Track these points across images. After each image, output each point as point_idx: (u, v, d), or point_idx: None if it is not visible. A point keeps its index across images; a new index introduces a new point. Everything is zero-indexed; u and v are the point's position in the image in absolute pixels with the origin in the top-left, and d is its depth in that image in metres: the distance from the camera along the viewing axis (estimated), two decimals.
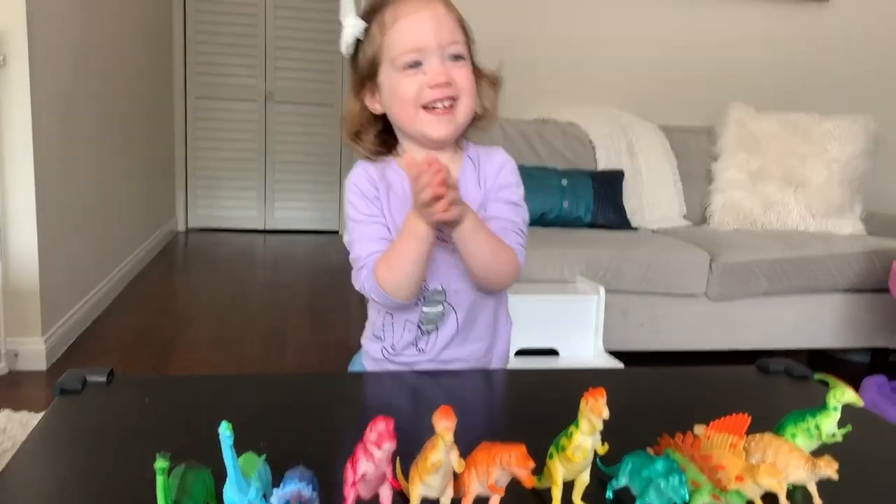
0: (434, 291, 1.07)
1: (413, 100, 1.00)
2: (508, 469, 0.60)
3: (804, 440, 0.76)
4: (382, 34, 1.02)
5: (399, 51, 1.00)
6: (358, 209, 1.06)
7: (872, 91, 3.45)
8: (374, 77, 1.05)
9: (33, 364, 2.45)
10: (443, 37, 1.00)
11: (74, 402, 0.87)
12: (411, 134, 1.05)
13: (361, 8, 1.06)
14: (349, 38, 1.05)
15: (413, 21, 1.00)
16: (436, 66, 1.00)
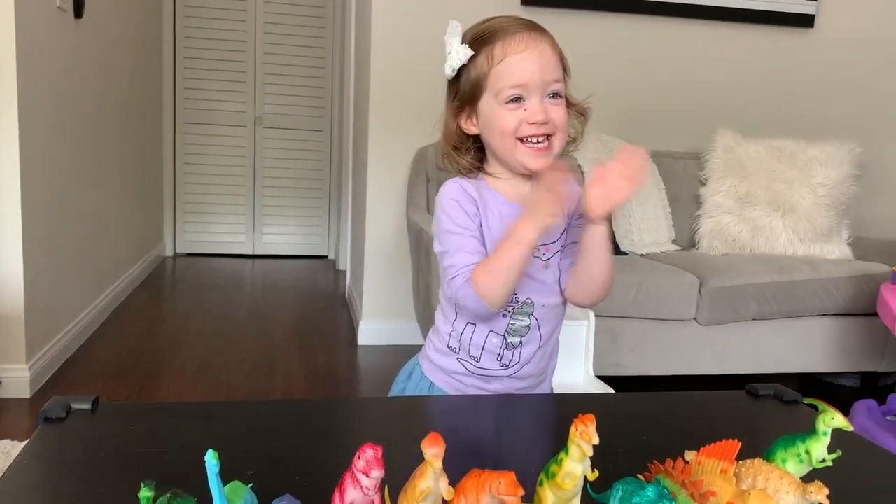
0: (523, 303, 1.12)
1: (512, 132, 1.07)
2: (498, 496, 0.59)
3: (794, 465, 0.76)
4: (490, 66, 1.07)
5: (504, 85, 1.06)
6: (455, 221, 1.10)
7: (858, 116, 3.50)
8: (473, 102, 1.10)
9: (17, 391, 2.41)
10: (546, 76, 1.06)
11: (58, 430, 0.85)
12: (507, 161, 1.11)
13: (468, 34, 1.11)
14: (456, 63, 1.10)
15: (521, 59, 1.06)
16: (536, 104, 1.06)
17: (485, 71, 1.07)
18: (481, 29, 1.10)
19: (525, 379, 1.17)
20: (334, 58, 5.35)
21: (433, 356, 1.20)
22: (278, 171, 5.53)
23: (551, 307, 1.16)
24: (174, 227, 5.45)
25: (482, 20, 1.13)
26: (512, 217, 1.08)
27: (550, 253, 1.13)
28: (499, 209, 1.11)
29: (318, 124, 5.51)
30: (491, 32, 1.08)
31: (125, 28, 3.92)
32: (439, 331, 1.19)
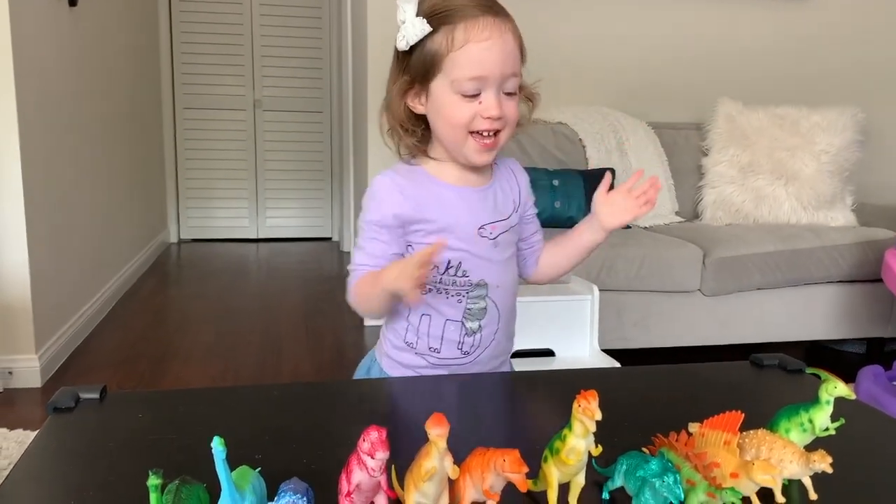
0: (476, 285, 1.10)
1: (464, 125, 1.03)
2: (503, 474, 0.60)
3: (798, 435, 0.76)
4: (448, 49, 1.02)
5: (461, 76, 1.01)
6: (367, 218, 1.09)
7: (860, 82, 3.47)
8: (425, 81, 1.05)
9: (28, 381, 2.43)
10: (506, 69, 1.02)
11: (67, 420, 0.86)
12: (452, 151, 1.08)
13: (426, 4, 1.04)
14: (411, 37, 1.03)
15: (483, 49, 1.01)
16: (492, 99, 1.02)
17: (442, 52, 1.02)
18: (441, 4, 1.03)
19: (486, 363, 1.15)
20: (331, 38, 5.32)
21: (391, 352, 1.15)
22: (279, 154, 5.52)
23: (506, 287, 1.14)
24: (178, 213, 5.46)
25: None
26: (455, 201, 1.09)
27: (497, 231, 1.11)
28: (440, 194, 1.09)
29: (318, 106, 5.49)
30: (452, 10, 1.02)
31: (120, 15, 3.89)
32: (394, 326, 1.14)
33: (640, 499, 0.64)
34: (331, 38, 5.33)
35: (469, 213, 1.09)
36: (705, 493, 0.64)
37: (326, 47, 5.39)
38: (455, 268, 1.09)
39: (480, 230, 1.09)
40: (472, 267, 1.09)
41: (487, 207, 1.11)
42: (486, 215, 1.10)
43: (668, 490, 0.62)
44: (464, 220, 1.09)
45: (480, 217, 1.10)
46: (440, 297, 1.10)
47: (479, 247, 1.09)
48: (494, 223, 1.11)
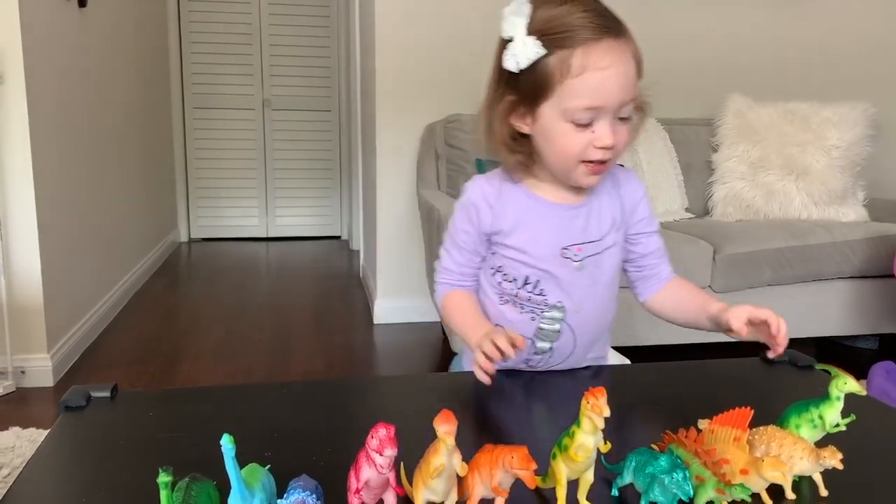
0: (553, 307, 1.07)
1: (576, 155, 0.97)
2: (511, 471, 0.60)
3: (808, 431, 0.76)
4: (562, 76, 0.94)
5: (577, 105, 0.94)
6: (457, 225, 1.10)
7: (871, 76, 3.44)
8: (533, 103, 0.98)
9: (40, 381, 2.45)
10: (624, 97, 0.95)
11: (79, 419, 0.87)
12: (559, 176, 1.03)
13: (537, 21, 0.95)
14: (522, 60, 0.95)
15: (602, 78, 0.93)
16: (606, 128, 0.95)
17: (555, 79, 0.94)
18: (555, 23, 0.94)
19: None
20: (340, 37, 5.33)
21: (465, 349, 1.17)
22: (288, 153, 5.54)
23: (591, 312, 1.09)
24: (188, 213, 5.48)
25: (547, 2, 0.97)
26: (540, 219, 1.04)
27: (584, 253, 1.06)
28: (527, 210, 1.05)
29: (327, 104, 5.50)
30: (568, 31, 0.93)
31: (130, 15, 3.91)
32: None
33: (650, 495, 0.64)
34: (339, 36, 5.34)
35: (552, 233, 1.05)
36: (715, 490, 0.64)
37: (335, 46, 5.40)
38: (532, 285, 1.06)
39: (564, 251, 1.04)
40: (551, 287, 1.06)
41: (576, 227, 1.05)
42: (573, 236, 1.05)
43: (678, 486, 0.62)
44: (545, 240, 1.05)
45: (565, 237, 1.05)
46: (514, 310, 1.09)
47: (561, 268, 1.05)
48: (581, 245, 1.05)
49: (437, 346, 2.96)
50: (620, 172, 1.11)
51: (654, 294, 1.13)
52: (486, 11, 3.25)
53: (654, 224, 1.13)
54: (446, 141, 2.89)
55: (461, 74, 3.14)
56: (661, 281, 1.13)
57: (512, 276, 1.07)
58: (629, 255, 1.12)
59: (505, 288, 1.08)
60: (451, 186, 2.86)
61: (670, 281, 1.13)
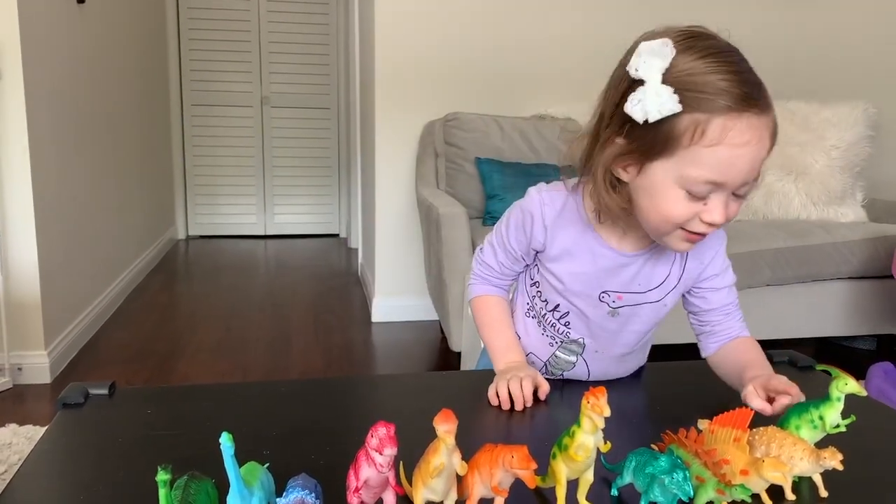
0: (573, 342, 1.05)
1: (679, 223, 0.88)
2: (511, 470, 0.60)
3: (808, 432, 0.76)
4: (692, 142, 0.82)
5: (699, 177, 0.83)
6: (509, 229, 1.05)
7: (871, 77, 3.44)
8: (646, 158, 0.87)
9: (37, 377, 2.45)
10: (752, 175, 0.85)
11: (77, 416, 0.87)
12: (651, 234, 0.94)
13: (675, 70, 0.84)
14: (654, 113, 0.82)
15: (736, 156, 0.82)
16: (720, 206, 0.85)
17: (683, 142, 0.83)
18: (698, 79, 0.83)
19: None
20: (339, 34, 5.32)
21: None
22: (287, 150, 5.53)
23: (611, 355, 1.06)
24: (186, 210, 5.47)
25: (694, 39, 0.88)
26: (589, 257, 0.98)
27: (622, 302, 1.01)
28: (579, 242, 0.99)
29: (325, 102, 5.50)
30: (709, 94, 0.82)
31: (128, 12, 3.90)
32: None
33: (650, 495, 0.64)
34: (338, 33, 5.33)
35: (596, 275, 0.99)
36: (715, 490, 0.64)
37: (334, 43, 5.39)
38: (561, 314, 1.04)
39: (603, 294, 1.00)
40: (577, 324, 1.04)
41: (624, 276, 0.99)
42: (617, 283, 0.99)
43: (678, 487, 0.62)
44: (586, 280, 1.00)
45: (608, 283, 0.99)
46: (538, 329, 1.07)
47: (594, 309, 1.01)
48: (623, 293, 1.00)
49: (436, 344, 2.95)
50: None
51: (715, 351, 1.03)
52: (486, 10, 3.26)
53: (726, 279, 1.03)
54: (445, 139, 2.88)
55: (461, 73, 3.14)
56: (725, 339, 1.03)
57: (545, 296, 1.05)
58: (692, 308, 1.05)
59: (536, 304, 1.07)
60: (449, 185, 2.86)
61: (732, 340, 1.02)
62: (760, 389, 0.86)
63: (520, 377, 0.93)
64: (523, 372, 0.95)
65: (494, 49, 3.16)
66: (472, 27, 3.12)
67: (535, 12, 3.18)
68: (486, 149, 2.85)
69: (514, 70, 3.15)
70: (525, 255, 1.05)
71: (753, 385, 0.86)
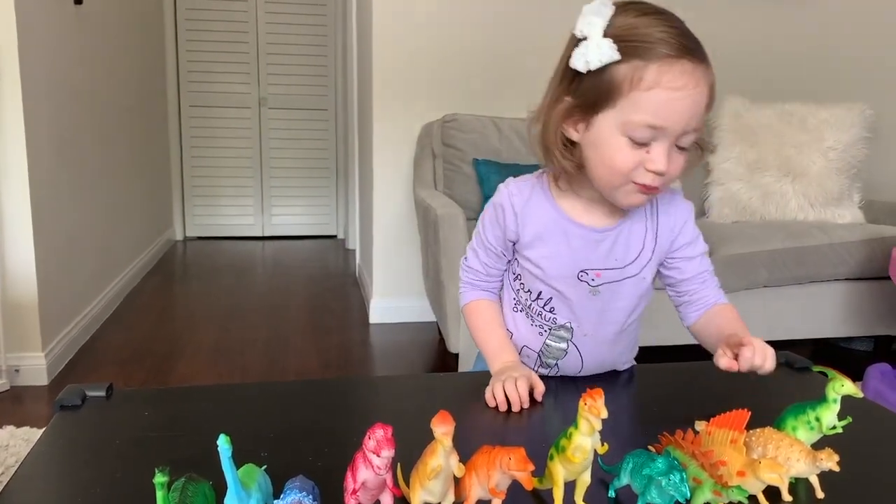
0: (560, 327, 1.06)
1: (625, 173, 0.91)
2: (508, 472, 0.60)
3: (805, 433, 0.76)
4: (631, 87, 0.88)
5: (639, 121, 0.88)
6: (485, 226, 1.08)
7: (869, 78, 3.45)
8: (591, 111, 0.92)
9: (34, 379, 2.44)
10: (689, 124, 0.89)
11: (74, 418, 0.86)
12: (602, 191, 0.97)
13: (615, 26, 0.90)
14: (594, 62, 0.89)
15: (672, 98, 0.87)
16: (662, 152, 0.89)
17: (622, 88, 0.88)
18: (636, 31, 0.88)
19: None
20: (337, 36, 5.32)
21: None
22: (285, 151, 5.53)
23: (601, 338, 1.06)
24: (183, 211, 5.47)
25: (633, 3, 0.92)
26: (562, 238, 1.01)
27: (602, 279, 1.02)
28: (552, 226, 1.02)
29: (323, 103, 5.50)
30: (647, 43, 0.87)
31: (125, 12, 3.90)
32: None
33: (647, 497, 0.64)
34: (336, 34, 5.33)
35: (570, 254, 1.01)
36: (712, 492, 0.64)
37: (332, 44, 5.39)
38: (544, 301, 1.05)
39: (581, 274, 1.01)
40: (561, 307, 1.05)
41: (599, 252, 1.01)
42: (593, 260, 1.01)
43: (675, 488, 0.62)
44: (562, 261, 1.01)
45: (584, 261, 1.01)
46: (526, 321, 1.09)
47: (575, 291, 1.03)
48: (601, 270, 1.01)
49: (433, 345, 2.95)
50: (663, 198, 1.04)
51: (696, 321, 1.06)
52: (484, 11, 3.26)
53: (698, 248, 1.05)
54: (443, 140, 2.89)
55: (459, 74, 3.14)
56: (703, 307, 1.05)
57: (528, 286, 1.06)
58: (668, 280, 1.07)
59: (521, 297, 1.08)
60: (447, 186, 2.86)
61: (712, 308, 1.05)
62: (727, 348, 0.89)
63: (514, 378, 0.94)
64: (517, 372, 0.96)
65: (493, 50, 3.16)
66: (470, 28, 3.13)
67: (533, 13, 3.18)
68: (484, 150, 2.85)
69: (512, 71, 3.15)
70: (505, 251, 1.08)
71: (721, 347, 0.89)
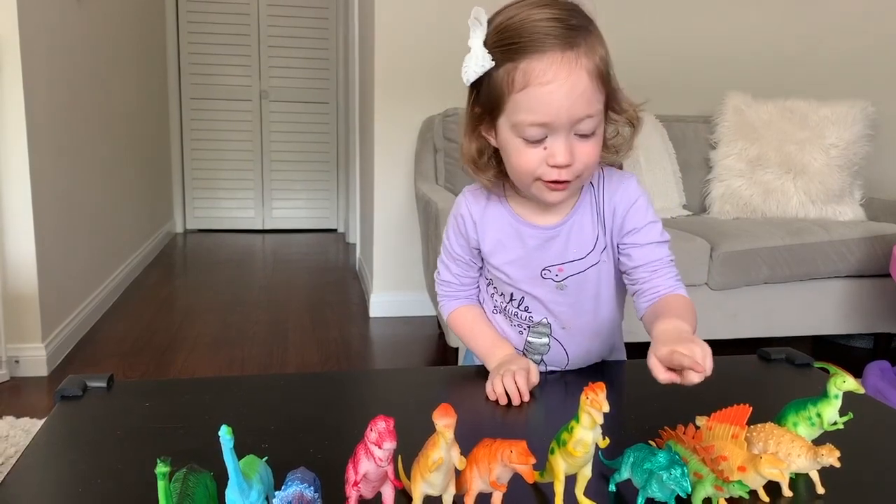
0: (539, 324, 1.06)
1: (530, 172, 0.91)
2: (510, 465, 0.60)
3: (806, 429, 0.76)
4: (508, 91, 0.88)
5: (522, 121, 0.88)
6: (448, 237, 1.09)
7: (870, 75, 3.45)
8: (493, 115, 0.93)
9: (34, 370, 2.44)
10: (574, 113, 0.86)
11: (75, 408, 0.86)
12: (524, 193, 0.98)
13: (492, 31, 0.90)
14: (471, 74, 0.90)
15: (544, 93, 0.86)
16: (559, 146, 0.88)
17: (504, 93, 0.89)
18: (506, 33, 0.88)
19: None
20: (338, 28, 5.31)
21: None
22: (286, 144, 5.52)
23: (579, 329, 1.06)
24: (184, 204, 5.47)
25: (510, 5, 0.91)
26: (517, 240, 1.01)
27: (565, 273, 1.01)
28: (506, 229, 1.02)
29: (324, 97, 5.49)
30: (517, 42, 0.87)
31: (126, 5, 3.89)
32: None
33: (647, 491, 0.64)
34: (338, 27, 5.32)
35: (529, 256, 1.01)
36: (712, 486, 0.64)
37: (333, 37, 5.38)
38: (518, 301, 1.06)
39: (544, 272, 1.01)
40: (535, 305, 1.05)
41: (554, 248, 1.00)
42: (551, 257, 1.01)
43: (676, 483, 0.62)
44: (522, 263, 1.02)
45: (543, 259, 1.01)
46: (506, 322, 1.09)
47: (542, 289, 1.03)
48: (562, 265, 1.01)
49: (433, 339, 2.96)
50: (611, 180, 1.01)
51: (644, 312, 1.00)
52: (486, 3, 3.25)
53: (649, 236, 1.00)
54: (444, 134, 2.88)
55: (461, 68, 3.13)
56: (653, 297, 0.99)
57: (500, 290, 1.07)
58: (621, 266, 1.03)
59: (496, 300, 1.09)
60: (448, 181, 2.86)
61: (661, 298, 0.98)
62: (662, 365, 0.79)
63: (513, 371, 0.94)
64: (515, 365, 0.96)
65: None
66: None
67: None
68: None
69: None
70: (473, 259, 1.08)
71: (656, 356, 0.80)
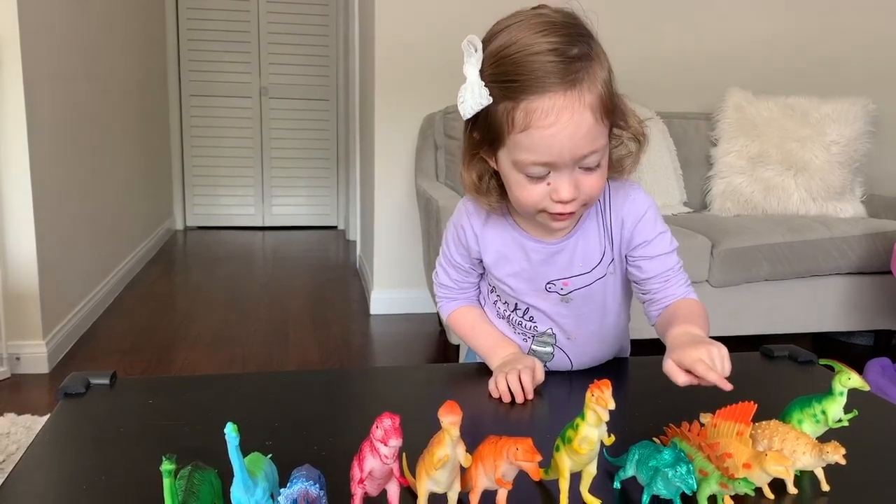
0: (543, 333, 1.06)
1: (534, 205, 0.89)
2: (515, 462, 0.60)
3: (810, 426, 0.76)
4: (508, 130, 0.85)
5: (525, 160, 0.85)
6: (447, 243, 1.08)
7: (871, 72, 3.44)
8: (491, 149, 0.90)
9: (35, 367, 2.44)
10: (578, 152, 0.84)
11: (78, 405, 0.86)
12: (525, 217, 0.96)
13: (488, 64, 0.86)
14: (468, 110, 0.87)
15: (547, 136, 0.83)
16: (563, 183, 0.86)
17: (503, 130, 0.86)
18: (505, 66, 0.84)
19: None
20: (338, 25, 5.30)
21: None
22: (286, 141, 5.52)
23: (584, 338, 1.05)
24: (184, 201, 5.46)
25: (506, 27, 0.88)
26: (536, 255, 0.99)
27: (571, 287, 1.00)
28: (510, 242, 1.00)
29: (324, 93, 5.48)
30: (516, 79, 0.83)
31: (127, 3, 3.88)
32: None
33: (653, 488, 0.64)
34: (338, 24, 5.31)
35: (533, 270, 1.00)
36: (718, 484, 0.64)
37: (333, 34, 5.37)
38: (522, 311, 1.05)
39: (549, 285, 1.00)
40: (539, 316, 1.04)
41: (560, 263, 0.99)
42: (557, 271, 0.99)
43: (681, 480, 0.62)
44: (526, 276, 1.01)
45: (548, 273, 1.00)
46: (509, 328, 1.09)
47: (546, 302, 1.02)
48: (567, 279, 1.00)
49: (434, 337, 2.96)
50: (617, 193, 0.99)
51: (656, 319, 1.01)
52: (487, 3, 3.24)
53: (659, 248, 0.99)
54: (445, 132, 2.88)
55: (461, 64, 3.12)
56: (664, 305, 1.00)
57: (504, 299, 1.07)
58: (631, 277, 1.03)
59: (499, 308, 1.08)
60: (449, 178, 2.86)
61: (673, 303, 0.99)
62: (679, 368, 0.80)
63: (518, 370, 0.94)
64: (521, 364, 0.96)
65: None
66: (472, 17, 3.09)
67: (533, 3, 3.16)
68: None
69: None
70: (473, 266, 1.07)
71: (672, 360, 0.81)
